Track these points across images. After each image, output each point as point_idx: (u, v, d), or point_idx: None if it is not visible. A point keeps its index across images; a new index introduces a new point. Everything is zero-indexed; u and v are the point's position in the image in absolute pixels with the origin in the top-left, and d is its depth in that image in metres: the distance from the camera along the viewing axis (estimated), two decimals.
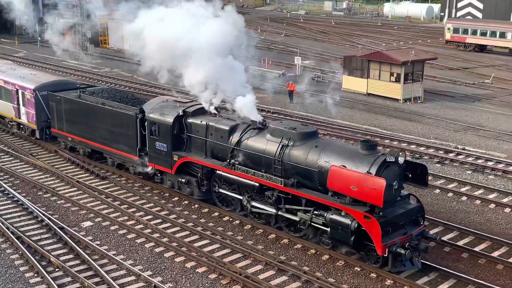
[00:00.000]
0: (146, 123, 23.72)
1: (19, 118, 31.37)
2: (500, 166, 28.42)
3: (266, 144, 20.45)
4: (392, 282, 17.86)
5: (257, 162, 20.62)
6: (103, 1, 78.46)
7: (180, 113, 22.84)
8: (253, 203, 21.10)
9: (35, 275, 18.07)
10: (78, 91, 27.71)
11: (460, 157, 29.69)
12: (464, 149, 31.01)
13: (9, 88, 31.57)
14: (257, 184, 20.48)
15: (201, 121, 22.47)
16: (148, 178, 25.39)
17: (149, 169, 24.55)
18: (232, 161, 21.14)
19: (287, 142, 19.91)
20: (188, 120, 22.82)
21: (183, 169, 23.15)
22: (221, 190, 22.21)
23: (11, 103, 31.55)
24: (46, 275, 17.71)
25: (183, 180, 23.13)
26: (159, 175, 24.29)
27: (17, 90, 30.93)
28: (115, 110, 25.24)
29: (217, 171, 21.79)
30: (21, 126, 31.70)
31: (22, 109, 30.84)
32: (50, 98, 28.81)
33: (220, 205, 22.69)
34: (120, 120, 24.98)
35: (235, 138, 21.36)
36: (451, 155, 29.86)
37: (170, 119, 22.82)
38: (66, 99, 27.84)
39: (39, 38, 69.32)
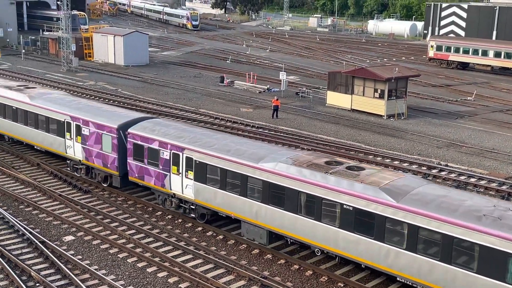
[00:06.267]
0: None
1: None
2: (482, 182, 28.66)
3: None
4: None
5: None
6: (88, 14, 78.09)
7: None
8: None
9: None
10: None
11: (443, 173, 29.91)
12: (447, 165, 31.25)
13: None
14: None
15: None
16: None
17: None
18: None
19: None
20: None
21: None
22: None
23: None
24: None
25: None
26: None
27: None
28: None
29: None
30: None
31: None
32: None
33: None
34: None
35: None
36: (434, 171, 30.06)
37: None
38: None
39: (23, 51, 69.06)
